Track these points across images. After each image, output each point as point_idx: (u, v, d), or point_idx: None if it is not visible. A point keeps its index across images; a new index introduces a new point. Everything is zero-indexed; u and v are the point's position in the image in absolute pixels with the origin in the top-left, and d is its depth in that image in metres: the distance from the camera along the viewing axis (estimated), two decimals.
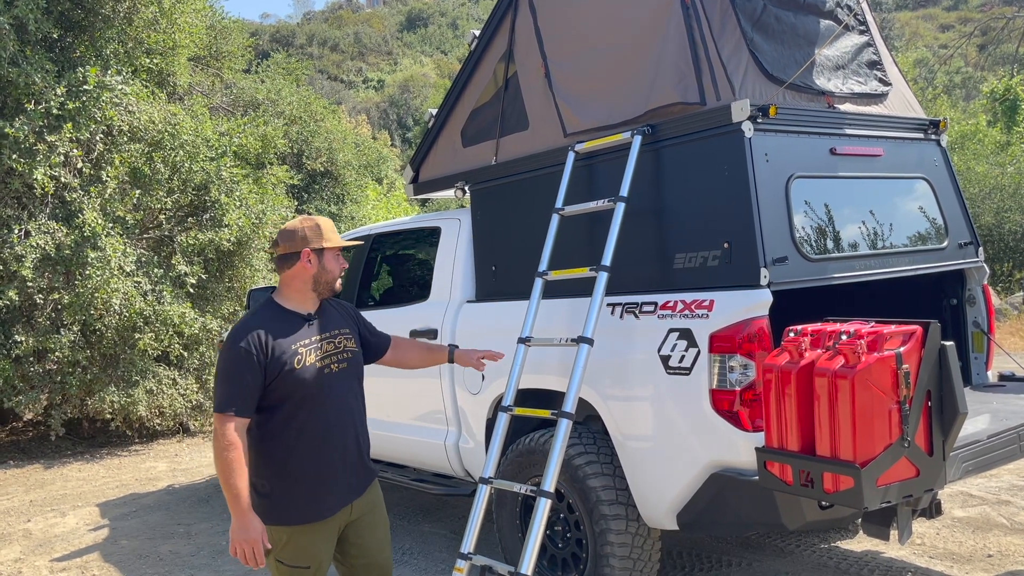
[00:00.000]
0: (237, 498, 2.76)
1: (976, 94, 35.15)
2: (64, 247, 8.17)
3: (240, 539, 2.78)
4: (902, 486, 2.70)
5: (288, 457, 2.92)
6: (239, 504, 2.77)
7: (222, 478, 2.77)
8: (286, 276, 3.04)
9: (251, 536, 2.77)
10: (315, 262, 3.01)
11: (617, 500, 3.82)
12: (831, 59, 4.13)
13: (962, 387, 2.78)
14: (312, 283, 3.03)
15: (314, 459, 2.94)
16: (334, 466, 2.98)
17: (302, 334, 2.98)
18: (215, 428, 2.79)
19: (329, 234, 3.06)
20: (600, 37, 4.10)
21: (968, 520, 5.07)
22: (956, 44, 24.50)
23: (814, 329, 2.92)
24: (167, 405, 9.43)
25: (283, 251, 3.01)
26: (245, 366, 2.82)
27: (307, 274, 3.01)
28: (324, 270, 3.03)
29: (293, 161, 14.13)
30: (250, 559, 2.79)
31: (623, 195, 3.80)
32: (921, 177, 4.32)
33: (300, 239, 3.00)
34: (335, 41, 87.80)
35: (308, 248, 2.99)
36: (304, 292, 3.04)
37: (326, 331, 3.05)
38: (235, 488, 2.76)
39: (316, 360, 2.97)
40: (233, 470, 2.75)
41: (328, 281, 3.05)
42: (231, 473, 2.75)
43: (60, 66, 8.59)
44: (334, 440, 2.99)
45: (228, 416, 2.78)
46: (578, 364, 3.63)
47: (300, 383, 2.91)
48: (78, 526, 6.50)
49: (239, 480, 2.76)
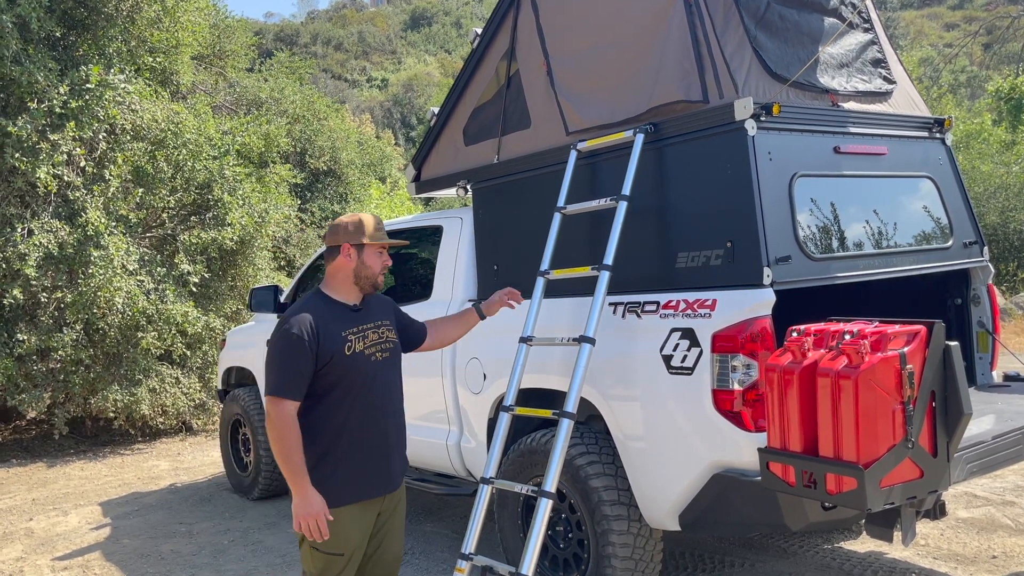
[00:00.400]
0: (297, 474, 2.89)
1: (981, 93, 35.08)
2: (67, 246, 8.16)
3: (304, 513, 2.89)
4: (906, 487, 2.68)
5: (332, 440, 3.02)
6: (301, 479, 2.90)
7: (282, 457, 2.90)
8: (331, 268, 3.17)
9: (314, 509, 2.89)
10: (354, 257, 3.12)
11: (619, 500, 3.80)
12: (835, 57, 4.10)
13: (967, 387, 2.75)
14: (353, 277, 3.14)
15: (357, 443, 3.05)
16: (375, 451, 3.10)
17: (350, 323, 3.10)
18: (269, 411, 2.92)
19: (371, 231, 3.16)
20: (602, 35, 4.08)
21: (973, 521, 5.04)
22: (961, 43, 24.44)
23: (817, 329, 2.89)
24: (170, 404, 9.43)
25: (328, 243, 3.17)
26: (298, 352, 2.93)
27: (348, 268, 3.13)
28: (364, 265, 3.14)
29: (296, 160, 14.13)
30: (314, 531, 2.90)
31: (625, 194, 3.78)
32: (926, 176, 4.29)
33: (342, 234, 3.14)
34: (339, 40, 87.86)
35: (348, 243, 3.11)
36: (347, 285, 3.15)
37: (370, 321, 3.17)
38: (295, 465, 2.89)
39: (364, 348, 3.09)
40: (292, 448, 2.89)
41: (368, 276, 3.16)
42: (290, 451, 2.88)
43: (63, 64, 8.59)
44: (377, 426, 3.11)
45: (283, 400, 2.91)
46: (579, 364, 3.61)
47: (349, 370, 3.03)
48: (80, 525, 6.50)
49: (298, 457, 2.89)
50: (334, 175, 14.77)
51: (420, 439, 5.04)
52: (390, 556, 3.25)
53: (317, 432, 2.99)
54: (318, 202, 14.38)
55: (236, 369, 7.23)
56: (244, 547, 5.65)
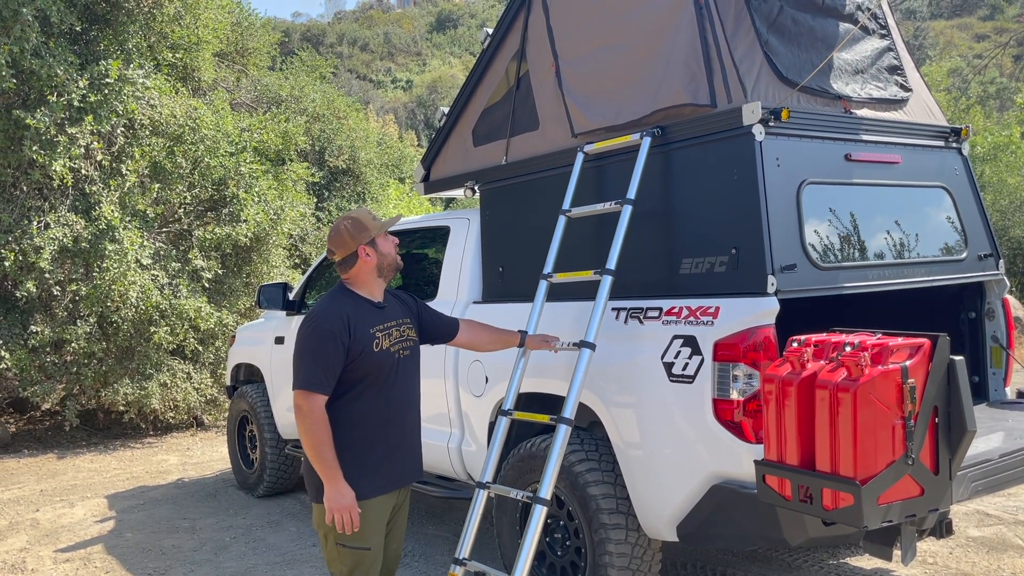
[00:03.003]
0: (330, 467, 2.91)
1: (1010, 105, 34.53)
2: (82, 239, 8.21)
3: (338, 505, 2.90)
4: (904, 505, 2.60)
5: (356, 434, 3.04)
6: (333, 472, 2.92)
7: (313, 451, 2.91)
8: (352, 275, 3.17)
9: (347, 501, 2.91)
10: (372, 253, 3.14)
11: (617, 509, 3.73)
12: (849, 63, 4.03)
13: (971, 404, 2.67)
14: (377, 271, 3.17)
15: (379, 437, 3.08)
16: (396, 445, 3.13)
17: (377, 319, 3.13)
18: (299, 405, 2.92)
19: (369, 223, 3.18)
20: (611, 36, 4.02)
21: (983, 540, 4.93)
22: (991, 54, 24.12)
23: (817, 339, 2.82)
24: (181, 399, 9.47)
25: (341, 257, 3.15)
26: (330, 346, 2.95)
27: (370, 266, 3.15)
28: (382, 255, 3.17)
29: (315, 158, 14.16)
30: (347, 524, 2.91)
31: (630, 197, 3.72)
32: (940, 186, 4.20)
33: (349, 239, 3.13)
34: (365, 41, 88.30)
35: (362, 245, 3.12)
36: (372, 282, 3.17)
37: (393, 319, 3.20)
38: (327, 458, 2.91)
39: (390, 345, 3.12)
40: (323, 442, 2.90)
41: (390, 264, 3.20)
42: (322, 445, 2.90)
43: (83, 59, 8.65)
44: (398, 420, 3.15)
45: (313, 393, 2.92)
46: (579, 369, 3.56)
47: (376, 365, 3.06)
48: (85, 517, 6.52)
49: (330, 451, 2.91)
50: (352, 174, 14.79)
51: (422, 441, 5.00)
52: (391, 553, 3.28)
53: (341, 425, 3.00)
54: (335, 201, 14.40)
55: (245, 366, 7.23)
56: (245, 544, 5.64)
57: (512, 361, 3.96)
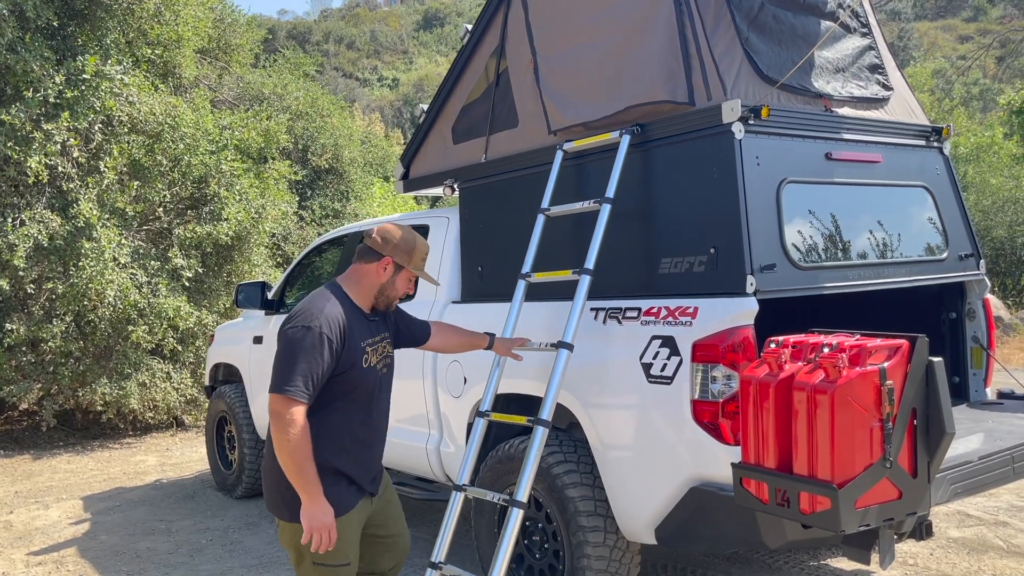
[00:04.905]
0: (311, 483, 2.73)
1: (993, 106, 34.77)
2: (57, 237, 8.10)
3: (318, 524, 2.73)
4: (882, 509, 2.56)
5: (333, 450, 2.89)
6: (314, 488, 2.73)
7: (294, 463, 2.69)
8: (359, 270, 3.03)
9: (328, 521, 2.75)
10: (389, 273, 3.02)
11: (596, 511, 3.69)
12: (830, 61, 3.99)
13: (950, 406, 2.63)
14: (376, 290, 3.03)
15: (355, 453, 2.96)
16: (369, 459, 3.03)
17: (366, 332, 2.99)
18: (278, 411, 2.67)
19: (418, 260, 3.08)
20: (590, 32, 3.97)
21: (963, 541, 4.92)
22: (975, 55, 24.26)
23: (795, 340, 2.78)
24: (160, 399, 9.36)
25: (372, 245, 3.02)
26: (322, 351, 2.76)
27: (376, 280, 3.02)
28: (392, 286, 3.05)
29: (298, 157, 14.04)
30: (325, 543, 2.76)
31: (609, 196, 3.67)
32: (921, 185, 4.18)
33: (391, 246, 3.01)
34: (351, 39, 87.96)
35: (392, 258, 3.00)
36: (367, 294, 3.03)
37: (378, 333, 3.08)
38: (308, 473, 2.71)
39: (376, 362, 3.01)
40: (307, 456, 2.70)
41: (389, 297, 3.07)
42: (305, 459, 2.70)
43: (60, 54, 8.52)
44: (374, 438, 3.06)
45: (297, 400, 2.68)
46: (556, 370, 3.51)
47: (360, 382, 2.92)
48: (60, 519, 6.42)
49: (312, 465, 2.72)
50: (336, 173, 14.67)
51: (400, 442, 4.94)
52: (398, 537, 3.25)
53: (318, 441, 2.79)
54: (318, 200, 14.29)
55: (224, 365, 7.14)
56: (222, 546, 5.56)
57: (490, 362, 3.90)
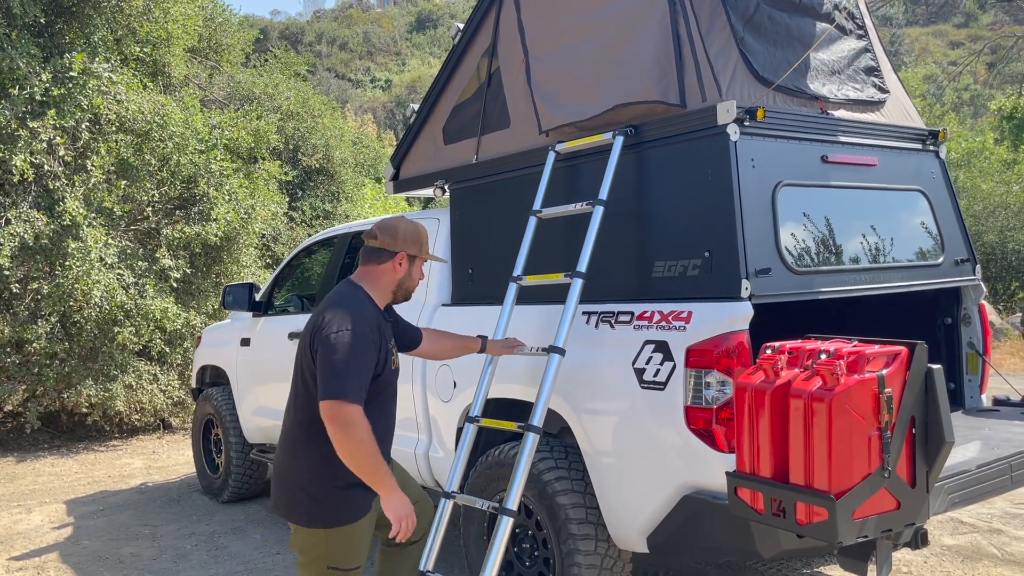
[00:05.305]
0: (386, 476, 2.79)
1: (984, 112, 34.91)
2: (43, 236, 7.99)
3: (404, 513, 2.81)
4: (880, 519, 2.50)
5: None
6: (390, 479, 2.80)
7: (367, 463, 2.74)
8: (374, 271, 3.03)
9: (409, 507, 2.84)
10: (405, 267, 3.04)
11: (587, 519, 3.62)
12: (826, 63, 3.94)
13: (949, 414, 2.58)
14: (395, 286, 3.04)
15: None
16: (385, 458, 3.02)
17: (388, 334, 3.03)
18: (338, 416, 2.69)
19: (424, 242, 3.11)
20: (583, 31, 3.91)
21: (958, 549, 4.87)
22: (965, 61, 24.35)
23: (792, 346, 2.72)
24: (147, 401, 9.25)
25: (380, 245, 3.01)
26: (369, 355, 2.81)
27: (394, 276, 3.03)
28: (410, 277, 3.08)
29: (289, 157, 13.95)
30: (409, 530, 2.83)
31: (602, 198, 3.61)
32: (917, 189, 4.13)
33: (401, 240, 3.02)
34: (344, 40, 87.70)
35: (405, 252, 3.01)
36: (385, 292, 3.04)
37: (392, 335, 3.12)
38: (381, 468, 2.77)
39: (396, 363, 3.07)
40: (374, 452, 2.75)
41: (409, 288, 3.10)
42: (373, 455, 2.74)
43: (47, 52, 8.42)
44: (386, 439, 3.07)
45: (355, 404, 2.71)
46: (548, 376, 3.45)
47: (388, 383, 2.98)
48: (42, 523, 6.31)
49: (381, 459, 2.78)
50: (327, 173, 14.58)
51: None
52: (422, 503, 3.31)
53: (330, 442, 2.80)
54: (309, 200, 14.19)
55: (211, 368, 7.05)
56: (207, 552, 5.47)
57: (480, 366, 3.84)
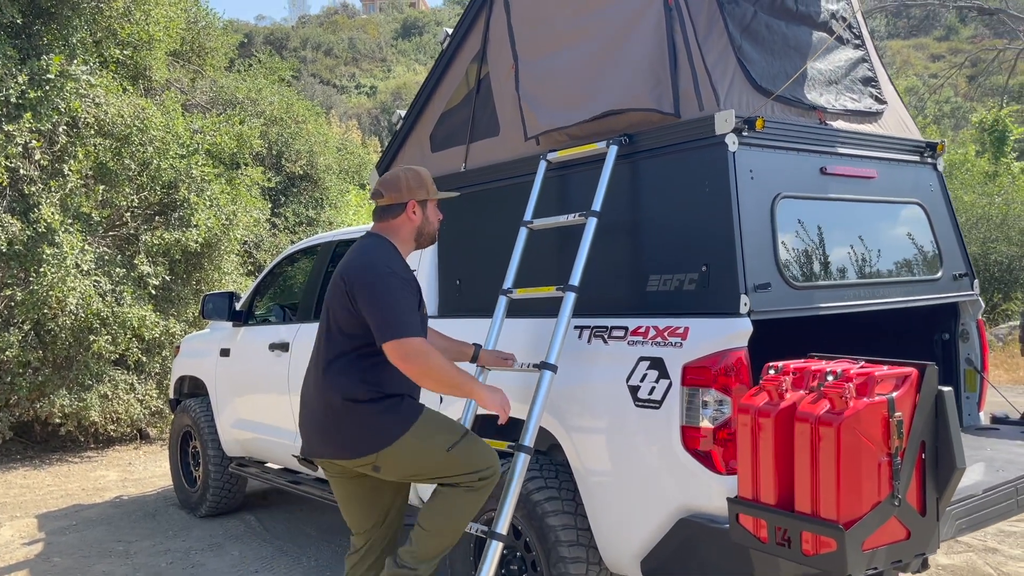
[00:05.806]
0: (469, 381, 2.95)
1: (965, 124, 35.21)
2: (17, 242, 7.78)
3: (500, 399, 2.99)
4: (890, 550, 2.39)
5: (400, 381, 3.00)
6: (475, 382, 2.99)
7: (453, 381, 2.88)
8: (390, 225, 3.08)
9: (501, 393, 3.02)
10: (419, 213, 3.09)
11: (578, 541, 3.49)
12: (824, 73, 3.85)
13: (960, 439, 2.47)
14: (416, 234, 3.10)
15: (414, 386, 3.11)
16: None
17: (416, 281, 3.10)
18: (406, 353, 2.79)
19: (429, 183, 3.14)
20: (574, 37, 3.79)
21: (953, 569, 4.77)
22: (946, 74, 24.49)
23: (796, 367, 2.61)
24: (123, 411, 9.04)
25: (388, 202, 3.06)
26: (411, 291, 2.92)
27: (412, 225, 3.08)
28: (428, 221, 3.13)
29: (272, 162, 13.77)
30: (509, 410, 3.02)
31: (595, 209, 3.49)
32: (916, 202, 4.04)
33: (405, 189, 3.06)
34: (329, 46, 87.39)
35: (414, 200, 3.06)
36: (407, 241, 3.10)
37: None
38: (462, 378, 2.91)
39: (425, 310, 3.14)
40: (450, 367, 2.87)
41: (430, 232, 3.15)
42: (452, 371, 2.87)
43: (24, 53, 8.22)
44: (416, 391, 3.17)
45: (412, 338, 2.80)
46: (539, 393, 3.31)
47: (424, 324, 3.08)
48: (12, 539, 6.10)
49: (458, 371, 2.90)
50: (310, 180, 14.40)
51: None
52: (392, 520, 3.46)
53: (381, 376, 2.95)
54: (292, 207, 14.01)
55: (189, 378, 6.87)
56: (183, 569, 5.29)
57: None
